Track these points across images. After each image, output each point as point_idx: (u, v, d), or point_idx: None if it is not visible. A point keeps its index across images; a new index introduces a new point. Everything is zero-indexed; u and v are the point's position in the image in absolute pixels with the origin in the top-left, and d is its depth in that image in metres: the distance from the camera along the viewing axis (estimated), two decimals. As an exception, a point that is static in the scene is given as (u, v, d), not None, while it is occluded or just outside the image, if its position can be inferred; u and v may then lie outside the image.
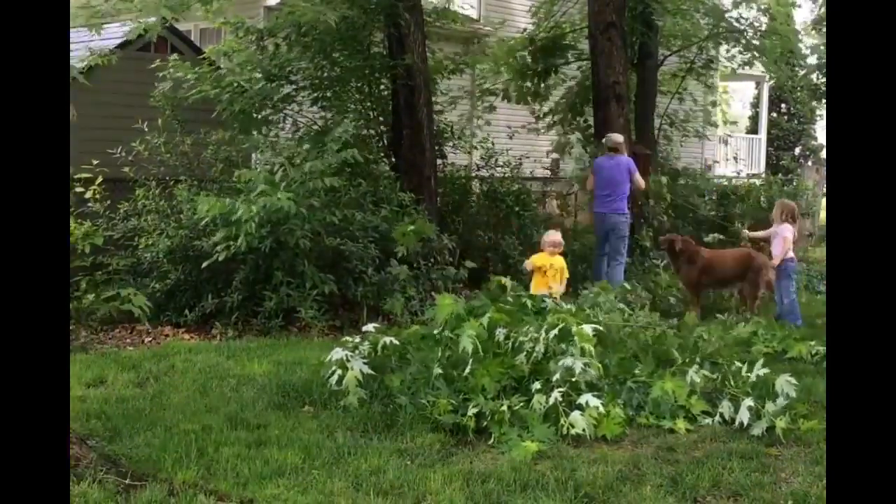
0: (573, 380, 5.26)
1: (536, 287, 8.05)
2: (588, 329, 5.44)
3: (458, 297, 6.50)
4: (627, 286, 8.38)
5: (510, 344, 5.66)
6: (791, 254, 8.82)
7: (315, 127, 10.57)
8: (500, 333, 5.71)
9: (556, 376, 5.26)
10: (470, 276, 9.51)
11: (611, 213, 10.00)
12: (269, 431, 5.10)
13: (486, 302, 6.17)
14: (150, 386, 6.13)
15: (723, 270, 9.33)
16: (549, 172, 14.53)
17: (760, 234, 9.57)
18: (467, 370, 5.38)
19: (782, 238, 8.74)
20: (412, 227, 8.49)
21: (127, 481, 4.21)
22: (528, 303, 6.23)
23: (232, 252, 7.78)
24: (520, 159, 12.87)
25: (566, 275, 8.34)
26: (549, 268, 8.24)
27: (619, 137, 10.43)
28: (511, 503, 4.19)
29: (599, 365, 5.45)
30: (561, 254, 8.41)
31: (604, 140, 10.51)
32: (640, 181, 10.20)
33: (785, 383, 5.41)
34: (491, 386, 5.30)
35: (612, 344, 6.02)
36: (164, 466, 4.49)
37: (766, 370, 5.62)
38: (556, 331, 5.46)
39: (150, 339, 7.81)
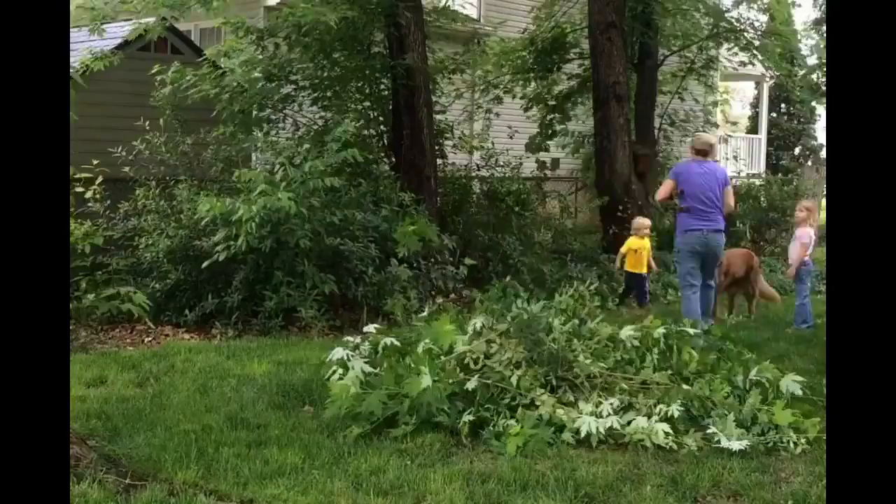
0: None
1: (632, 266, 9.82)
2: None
3: (458, 314, 6.41)
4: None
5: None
6: (807, 257, 8.59)
7: (315, 127, 10.57)
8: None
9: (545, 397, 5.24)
10: (469, 274, 9.51)
11: (713, 231, 8.19)
12: (269, 431, 5.10)
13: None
14: (150, 386, 6.13)
15: (734, 270, 9.26)
16: (549, 172, 14.51)
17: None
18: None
19: (800, 242, 8.62)
20: (413, 228, 8.49)
21: (127, 481, 4.22)
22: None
23: (232, 252, 7.78)
24: (520, 159, 12.87)
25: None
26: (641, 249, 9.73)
27: (711, 138, 9.14)
28: (511, 503, 4.19)
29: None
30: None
31: (692, 140, 9.18)
32: (732, 200, 8.55)
33: (791, 383, 5.38)
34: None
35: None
36: (165, 466, 4.49)
37: (767, 374, 5.56)
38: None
39: (150, 339, 7.81)
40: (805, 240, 8.61)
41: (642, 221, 10.08)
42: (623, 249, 9.92)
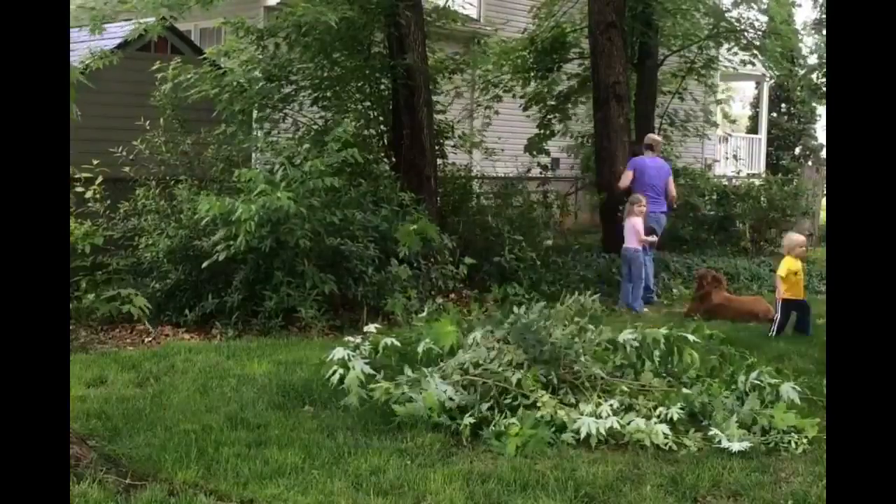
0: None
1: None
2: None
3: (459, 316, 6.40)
4: None
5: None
6: (634, 243, 9.61)
7: (315, 127, 10.57)
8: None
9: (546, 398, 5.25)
10: (469, 274, 9.51)
11: (661, 213, 10.53)
12: (269, 431, 5.10)
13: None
14: (150, 386, 6.13)
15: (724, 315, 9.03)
16: (549, 172, 14.51)
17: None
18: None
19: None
20: (415, 227, 8.48)
21: (127, 481, 4.22)
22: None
23: (232, 252, 7.78)
24: (520, 160, 12.86)
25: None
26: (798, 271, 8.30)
27: (658, 136, 11.34)
28: (511, 503, 4.19)
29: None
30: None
31: (646, 139, 11.12)
32: (674, 189, 10.76)
33: (789, 390, 5.38)
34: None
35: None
36: (165, 466, 4.49)
37: (769, 378, 5.55)
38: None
39: (150, 339, 7.80)
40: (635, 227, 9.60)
41: (798, 238, 8.54)
42: (781, 273, 8.18)
